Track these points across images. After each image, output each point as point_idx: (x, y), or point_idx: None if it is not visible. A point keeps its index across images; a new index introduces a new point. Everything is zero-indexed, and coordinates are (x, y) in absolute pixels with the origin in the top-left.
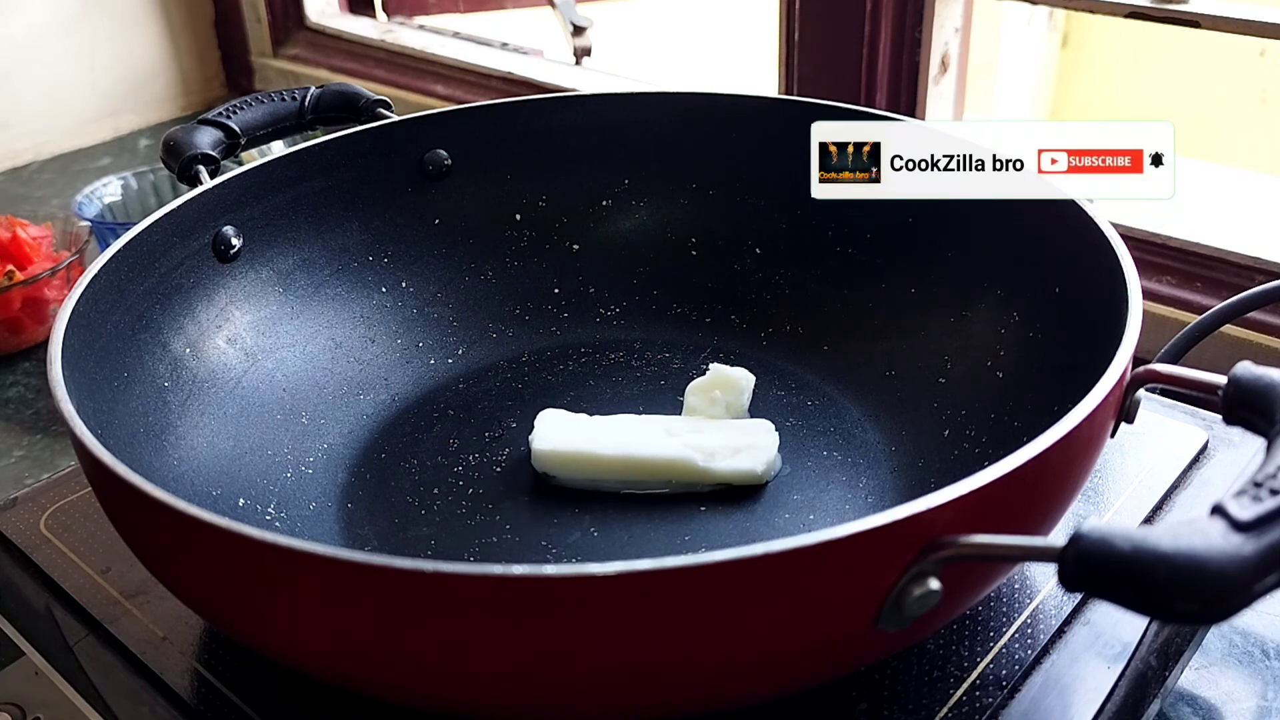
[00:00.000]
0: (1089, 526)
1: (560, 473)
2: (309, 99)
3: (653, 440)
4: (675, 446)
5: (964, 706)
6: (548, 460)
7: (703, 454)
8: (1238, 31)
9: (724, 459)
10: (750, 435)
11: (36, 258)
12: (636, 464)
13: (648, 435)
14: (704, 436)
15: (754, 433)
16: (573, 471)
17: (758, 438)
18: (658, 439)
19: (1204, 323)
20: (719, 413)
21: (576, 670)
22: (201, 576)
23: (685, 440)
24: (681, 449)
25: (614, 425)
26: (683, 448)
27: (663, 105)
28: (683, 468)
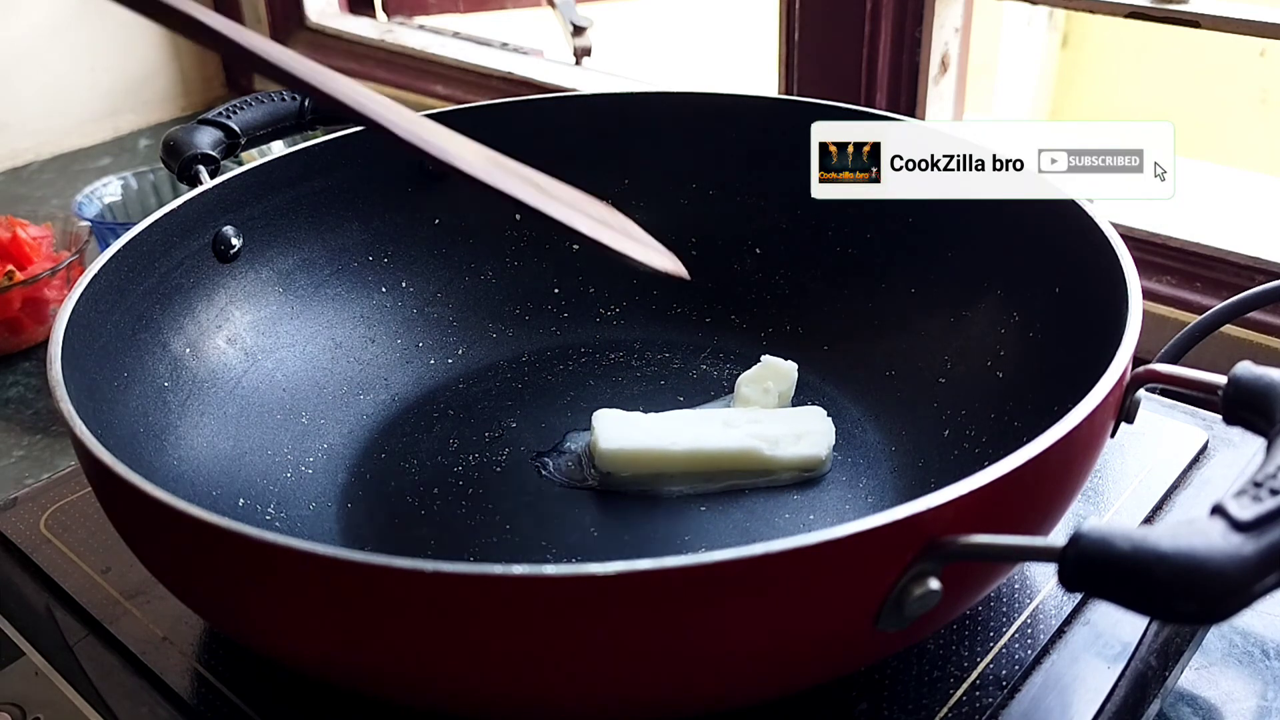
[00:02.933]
0: (1089, 526)
1: (626, 470)
2: (309, 99)
3: (715, 433)
4: (740, 437)
5: (964, 706)
6: (615, 459)
7: (767, 443)
8: (1238, 31)
9: (788, 446)
10: (807, 422)
11: (36, 258)
12: (704, 457)
13: (709, 429)
14: (764, 426)
15: (810, 419)
16: (639, 468)
17: (815, 423)
18: (720, 431)
19: (1204, 323)
20: (771, 402)
21: (576, 670)
22: (201, 577)
23: (747, 430)
24: (747, 439)
25: (673, 421)
26: (747, 438)
27: (663, 105)
28: (750, 458)
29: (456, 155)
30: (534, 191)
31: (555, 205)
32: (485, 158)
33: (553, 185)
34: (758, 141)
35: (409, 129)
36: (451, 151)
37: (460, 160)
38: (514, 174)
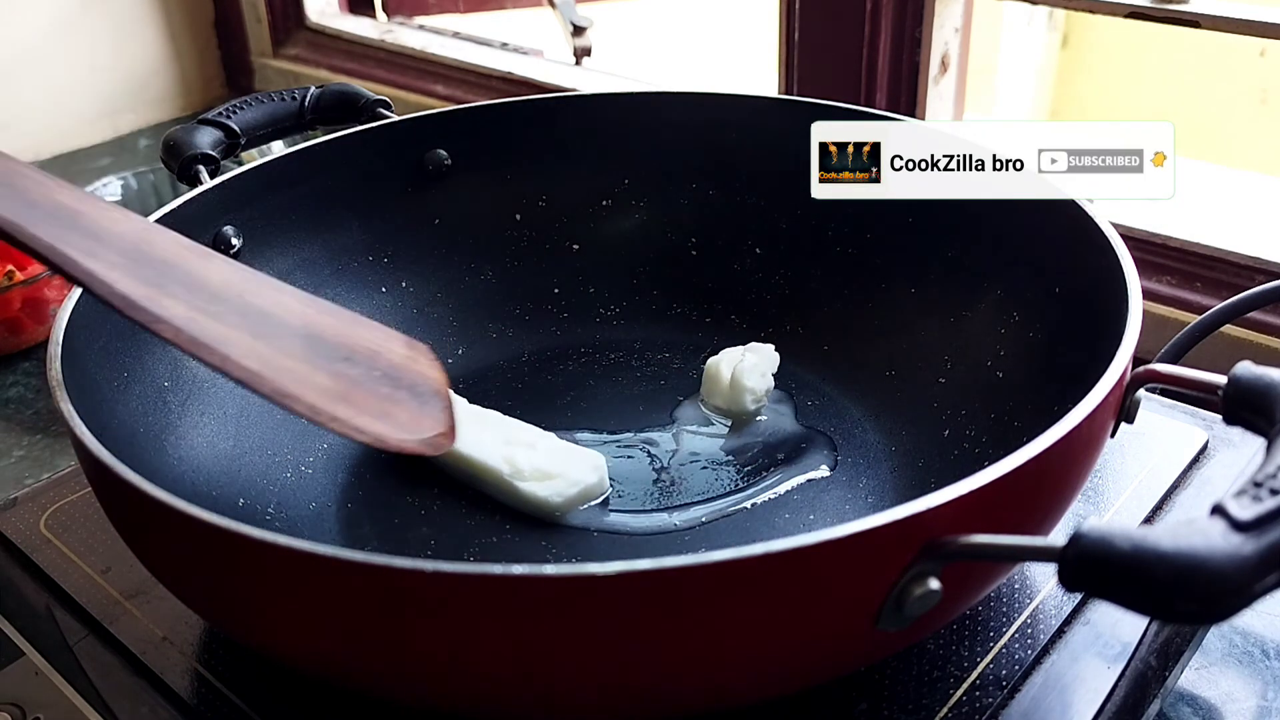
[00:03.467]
0: (1089, 526)
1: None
2: (309, 99)
3: (481, 441)
4: (493, 453)
5: (964, 706)
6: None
7: (511, 468)
8: (1238, 31)
9: (530, 480)
10: (570, 465)
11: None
12: (463, 460)
13: (485, 436)
14: (528, 453)
15: (580, 466)
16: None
17: (577, 471)
18: (487, 442)
19: (1204, 323)
20: (765, 386)
21: (576, 670)
22: (201, 576)
23: (505, 453)
24: (499, 459)
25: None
26: (500, 458)
27: (663, 105)
28: (493, 476)
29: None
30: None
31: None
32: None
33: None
34: (758, 141)
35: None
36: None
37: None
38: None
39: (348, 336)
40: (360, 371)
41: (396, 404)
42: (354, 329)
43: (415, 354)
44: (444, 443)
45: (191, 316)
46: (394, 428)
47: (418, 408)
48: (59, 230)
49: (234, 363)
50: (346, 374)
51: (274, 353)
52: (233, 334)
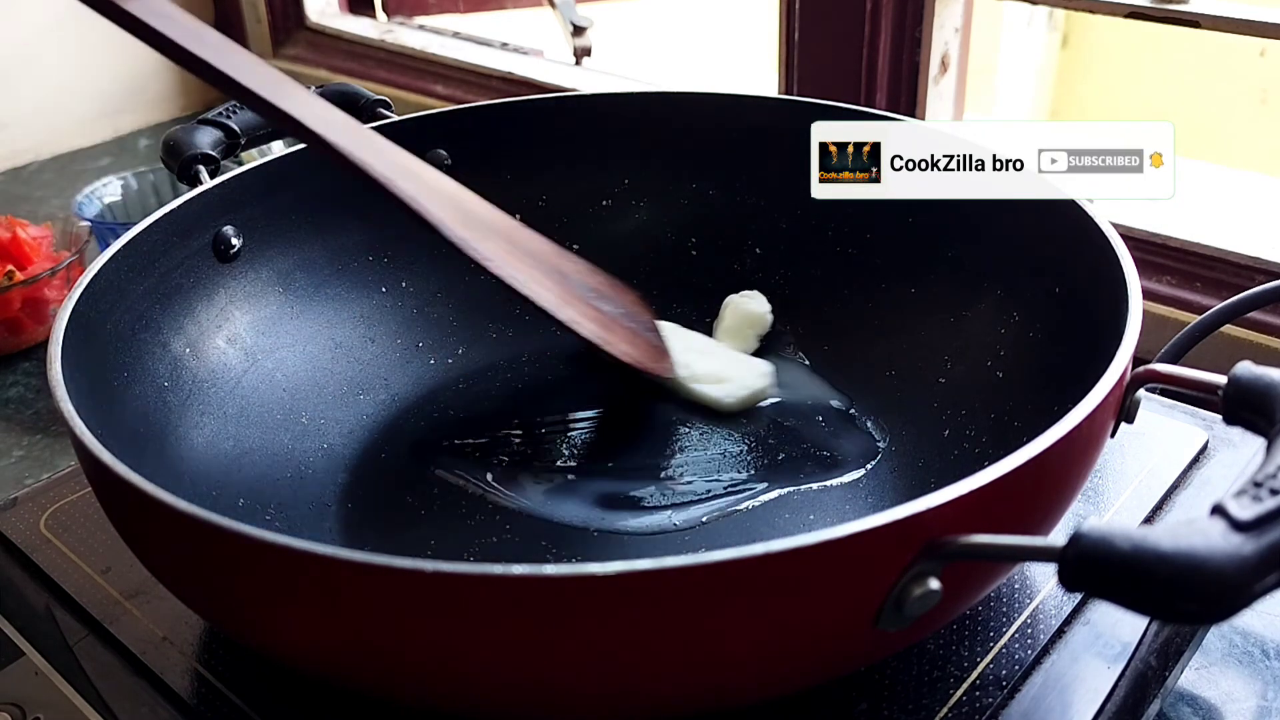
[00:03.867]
0: (1089, 526)
1: None
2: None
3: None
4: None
5: (964, 707)
6: None
7: (688, 371)
8: (1238, 31)
9: (705, 383)
10: (741, 370)
11: (36, 258)
12: None
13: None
14: (704, 359)
15: (747, 369)
16: None
17: (746, 375)
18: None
19: (1204, 322)
20: (748, 346)
21: (576, 670)
22: (201, 576)
23: (684, 359)
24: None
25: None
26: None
27: (662, 105)
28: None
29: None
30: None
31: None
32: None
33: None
34: (758, 141)
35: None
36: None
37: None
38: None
39: (593, 279)
40: (611, 308)
41: (638, 335)
42: (595, 274)
43: (637, 299)
44: (669, 367)
45: (504, 257)
46: (642, 354)
47: (650, 340)
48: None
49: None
50: (605, 309)
51: (559, 288)
52: (532, 272)
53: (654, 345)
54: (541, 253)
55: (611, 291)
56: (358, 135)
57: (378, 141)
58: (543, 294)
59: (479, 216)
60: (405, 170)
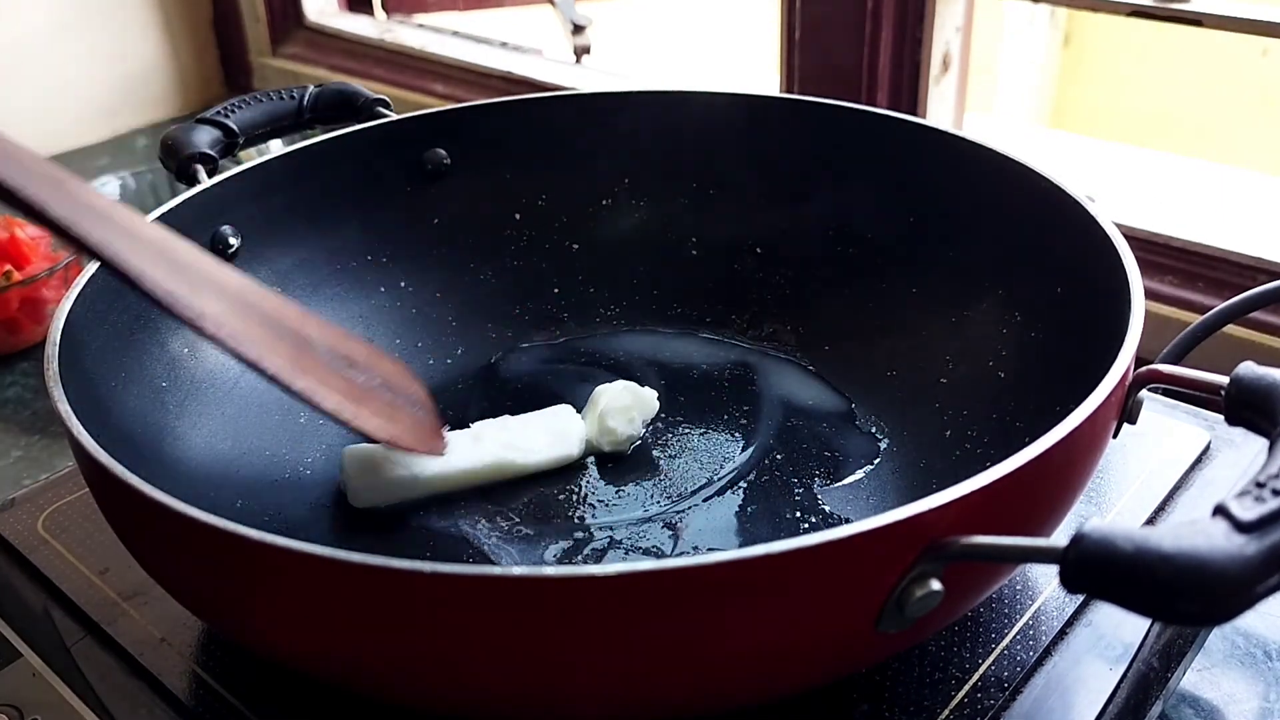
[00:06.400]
0: (1091, 527)
1: (382, 502)
2: (307, 98)
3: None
4: (491, 451)
5: (965, 708)
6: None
7: (520, 452)
8: (1240, 30)
9: (542, 450)
10: (558, 421)
11: (34, 258)
12: (456, 477)
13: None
14: (513, 434)
15: (560, 418)
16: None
17: (565, 422)
18: (470, 448)
19: (1206, 323)
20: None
21: (575, 671)
22: (199, 578)
23: (498, 441)
24: (498, 451)
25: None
26: (499, 449)
27: (663, 105)
28: (504, 468)
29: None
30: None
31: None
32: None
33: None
34: (758, 141)
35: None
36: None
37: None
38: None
39: (345, 347)
40: (365, 378)
41: (398, 409)
42: (349, 341)
43: (402, 370)
44: (440, 446)
45: (226, 317)
46: (403, 430)
47: (415, 414)
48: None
49: (268, 360)
50: (355, 380)
51: (298, 354)
52: (260, 333)
53: (420, 421)
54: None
55: (368, 359)
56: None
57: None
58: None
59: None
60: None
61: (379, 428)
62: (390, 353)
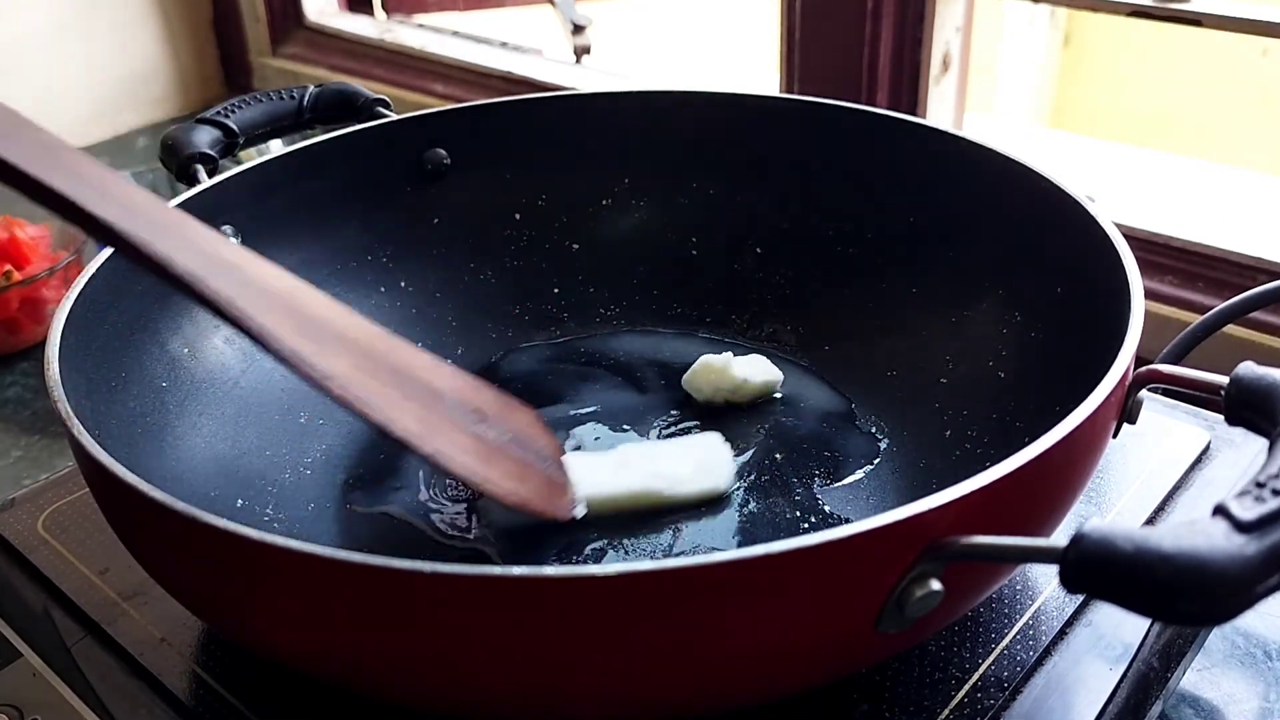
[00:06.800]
0: (1091, 527)
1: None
2: (307, 98)
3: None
4: (637, 479)
5: (965, 708)
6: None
7: (666, 481)
8: (1240, 31)
9: (688, 482)
10: (705, 451)
11: (34, 257)
12: (600, 503)
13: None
14: (660, 463)
15: (708, 448)
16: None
17: (713, 452)
18: (614, 475)
19: (1206, 323)
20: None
21: (576, 671)
22: (199, 578)
23: (644, 469)
24: (645, 479)
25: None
26: (646, 478)
27: (663, 105)
28: (649, 498)
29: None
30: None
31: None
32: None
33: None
34: (758, 141)
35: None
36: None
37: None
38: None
39: (476, 398)
40: (495, 434)
41: (528, 467)
42: (479, 391)
43: (533, 419)
44: (568, 507)
45: (352, 374)
46: (533, 492)
47: (545, 472)
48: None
49: (396, 422)
50: (485, 436)
51: (423, 412)
52: (389, 392)
53: (550, 479)
54: (408, 366)
55: (500, 412)
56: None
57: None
58: (403, 420)
59: (322, 322)
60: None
61: (510, 491)
62: None
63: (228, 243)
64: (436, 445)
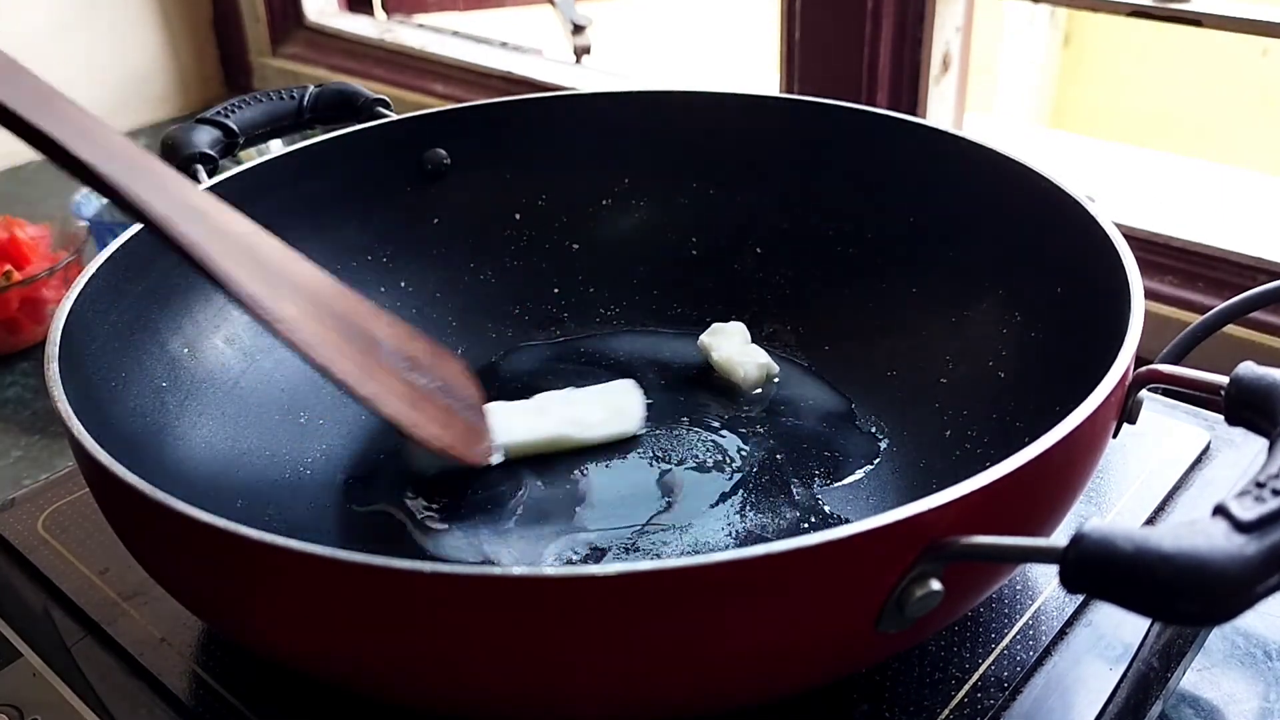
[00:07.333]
0: (1091, 527)
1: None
2: (307, 98)
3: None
4: (552, 425)
5: (965, 708)
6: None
7: (578, 426)
8: (1240, 30)
9: (599, 426)
10: (618, 398)
11: (34, 258)
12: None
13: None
14: (575, 408)
15: (620, 394)
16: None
17: (625, 398)
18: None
19: (1206, 323)
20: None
21: (576, 671)
22: (199, 578)
23: (560, 415)
24: (558, 426)
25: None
26: (560, 424)
27: (663, 105)
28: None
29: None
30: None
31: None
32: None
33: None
34: (758, 141)
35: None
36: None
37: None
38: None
39: (410, 346)
40: (425, 381)
41: (453, 415)
42: (413, 340)
43: (460, 369)
44: (489, 454)
45: (301, 320)
46: (455, 438)
47: (470, 420)
48: (201, 229)
49: (338, 366)
50: (416, 383)
51: (364, 358)
52: (331, 336)
53: (471, 426)
54: (351, 313)
55: (431, 360)
56: (134, 163)
57: (163, 175)
58: (343, 364)
59: (276, 267)
60: (189, 209)
61: (434, 436)
62: None
63: (195, 189)
64: (372, 389)
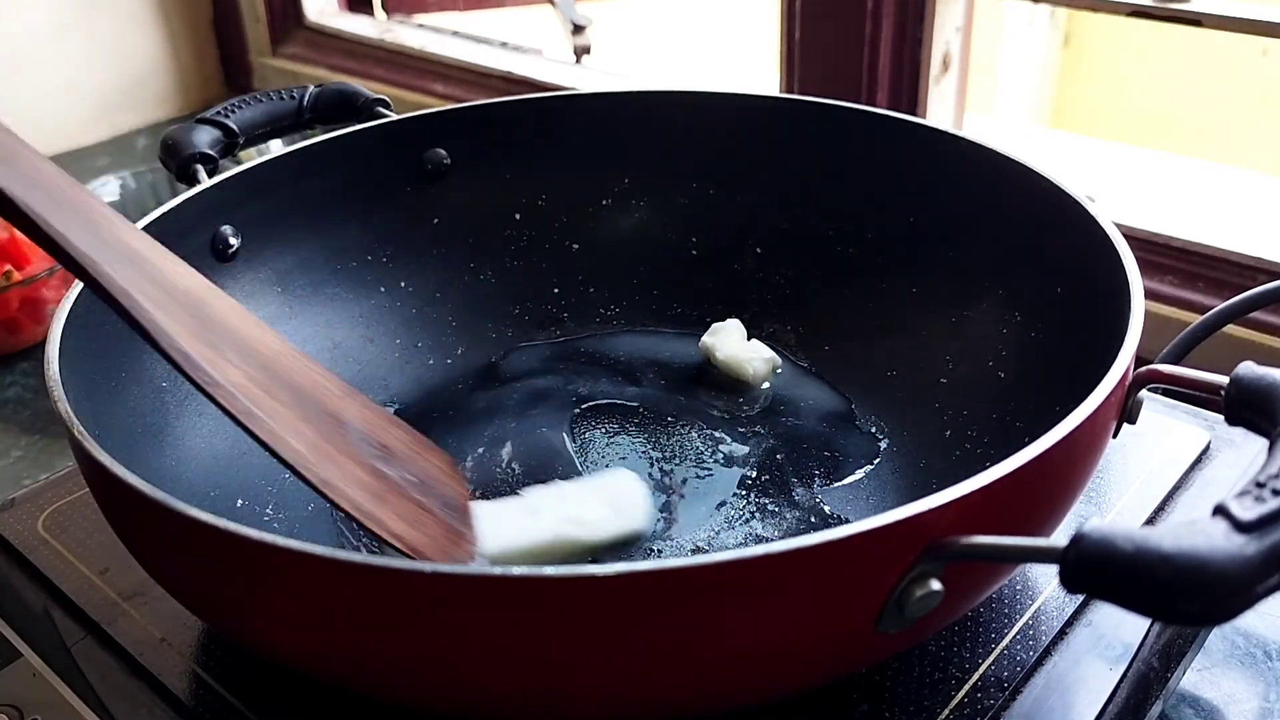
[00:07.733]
0: (1091, 527)
1: None
2: (307, 98)
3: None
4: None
5: (965, 708)
6: None
7: (581, 526)
8: (1240, 30)
9: (605, 524)
10: (618, 490)
11: (34, 258)
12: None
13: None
14: (571, 506)
15: (621, 485)
16: None
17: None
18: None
19: (1206, 323)
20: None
21: (576, 671)
22: (199, 577)
23: (557, 515)
24: (558, 526)
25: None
26: (559, 524)
27: (663, 105)
28: (565, 546)
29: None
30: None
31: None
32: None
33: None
34: (758, 141)
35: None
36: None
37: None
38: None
39: (385, 434)
40: (397, 474)
41: (427, 513)
42: (390, 428)
43: (444, 464)
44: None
45: (246, 386)
46: (425, 538)
47: (447, 520)
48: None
49: (284, 442)
50: (384, 473)
51: (319, 438)
52: (282, 410)
53: (449, 528)
54: (313, 389)
55: (409, 452)
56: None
57: (98, 213)
58: (292, 442)
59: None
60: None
61: (401, 533)
62: (390, 353)
63: (141, 236)
64: (325, 474)
